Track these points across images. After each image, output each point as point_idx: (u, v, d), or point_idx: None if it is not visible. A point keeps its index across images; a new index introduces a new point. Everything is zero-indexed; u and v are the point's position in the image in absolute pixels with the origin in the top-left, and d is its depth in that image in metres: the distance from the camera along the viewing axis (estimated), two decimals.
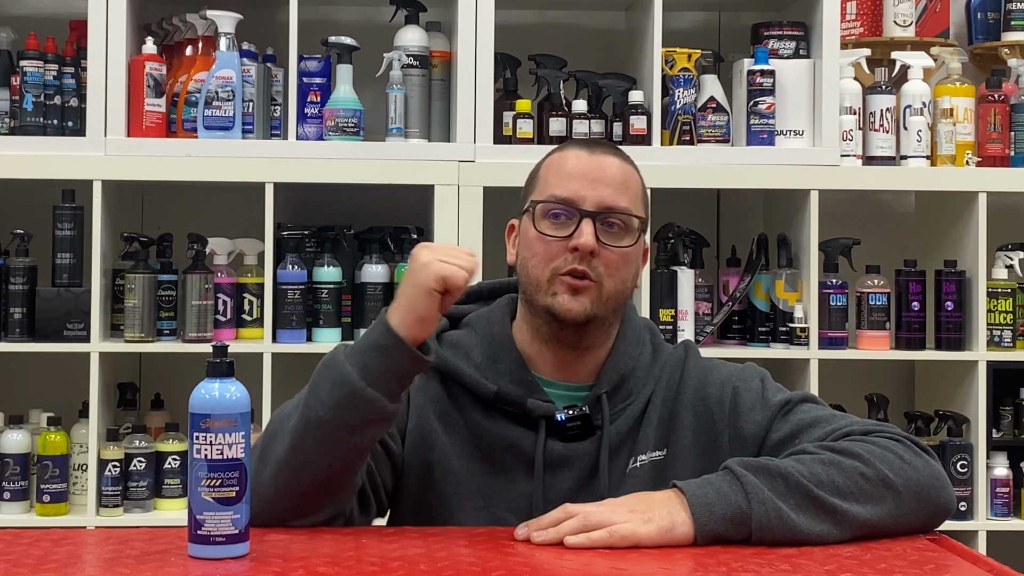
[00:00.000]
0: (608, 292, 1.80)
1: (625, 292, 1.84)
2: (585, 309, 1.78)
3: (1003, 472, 3.33)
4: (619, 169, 1.84)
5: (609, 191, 1.81)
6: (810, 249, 3.29)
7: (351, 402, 1.64)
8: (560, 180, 1.82)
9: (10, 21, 3.44)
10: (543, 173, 1.86)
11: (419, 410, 1.83)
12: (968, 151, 3.44)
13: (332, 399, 1.65)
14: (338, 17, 3.60)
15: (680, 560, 1.55)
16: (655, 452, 1.84)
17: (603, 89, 3.40)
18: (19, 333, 3.18)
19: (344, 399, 1.64)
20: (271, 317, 3.20)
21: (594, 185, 1.81)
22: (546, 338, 1.84)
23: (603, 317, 1.81)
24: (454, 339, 1.89)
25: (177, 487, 3.20)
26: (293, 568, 1.47)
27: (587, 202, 1.80)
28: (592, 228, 1.79)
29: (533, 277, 1.81)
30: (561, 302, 1.78)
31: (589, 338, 1.83)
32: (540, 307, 1.81)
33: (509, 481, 1.82)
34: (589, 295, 1.79)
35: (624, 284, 1.82)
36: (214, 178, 3.21)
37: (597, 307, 1.79)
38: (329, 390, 1.65)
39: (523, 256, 1.84)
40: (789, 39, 3.42)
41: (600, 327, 1.83)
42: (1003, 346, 3.35)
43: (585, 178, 1.81)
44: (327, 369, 1.68)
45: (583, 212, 1.79)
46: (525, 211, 1.85)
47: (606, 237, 1.80)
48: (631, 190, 1.84)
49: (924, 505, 1.69)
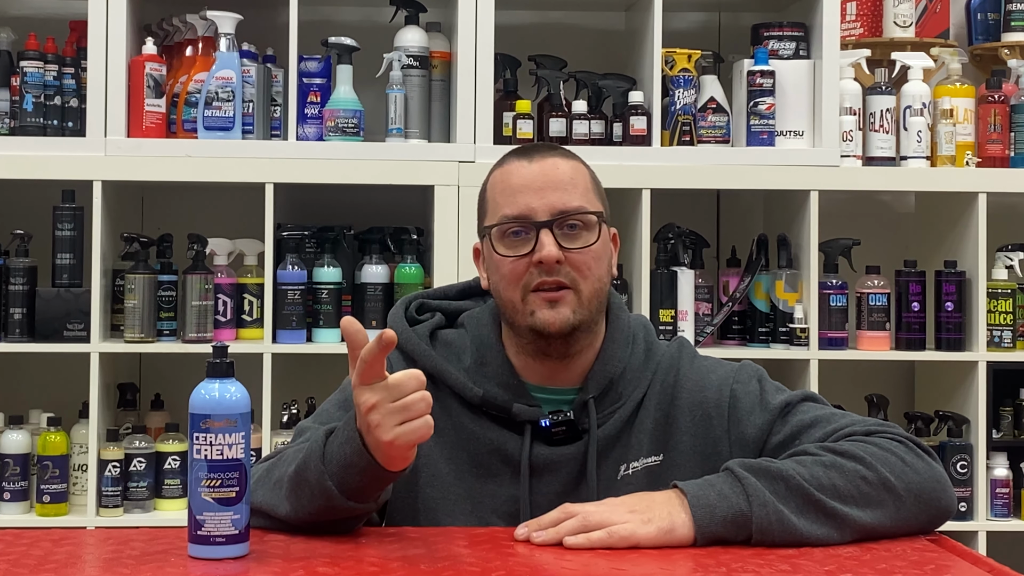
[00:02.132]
0: (587, 295, 1.78)
1: (603, 289, 1.81)
2: (567, 319, 1.76)
3: (1003, 472, 3.33)
4: (563, 168, 1.80)
5: (558, 194, 1.77)
6: (810, 249, 3.29)
7: (334, 512, 1.61)
8: (507, 197, 1.79)
9: (10, 21, 3.44)
10: (490, 194, 1.83)
11: None
12: (968, 152, 3.44)
13: (315, 506, 1.61)
14: (338, 17, 3.60)
15: (680, 560, 1.55)
16: (650, 458, 1.82)
17: (603, 90, 3.40)
18: (19, 333, 3.18)
19: (327, 510, 1.61)
20: (271, 317, 3.20)
21: (541, 193, 1.77)
22: (532, 353, 1.82)
23: (587, 321, 1.79)
24: (448, 338, 1.87)
25: (177, 487, 3.20)
26: (293, 568, 1.47)
27: (539, 212, 1.76)
28: (551, 237, 1.75)
29: (507, 300, 1.79)
30: (542, 317, 1.76)
31: (577, 345, 1.81)
32: (522, 327, 1.79)
33: (496, 485, 1.80)
34: (568, 303, 1.76)
35: (601, 282, 1.80)
36: (214, 178, 3.20)
37: (579, 313, 1.77)
38: (310, 498, 1.61)
39: (493, 281, 1.82)
40: (789, 40, 3.42)
41: (587, 331, 1.81)
42: (1003, 346, 3.35)
43: (530, 188, 1.78)
44: (303, 481, 1.62)
45: (538, 224, 1.76)
46: (483, 237, 1.82)
47: (568, 241, 1.77)
48: (579, 185, 1.80)
49: (925, 508, 1.68)
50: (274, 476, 1.68)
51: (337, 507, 1.60)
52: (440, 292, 1.97)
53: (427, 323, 1.89)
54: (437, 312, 1.92)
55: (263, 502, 1.66)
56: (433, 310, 1.93)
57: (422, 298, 1.94)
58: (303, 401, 3.32)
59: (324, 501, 1.60)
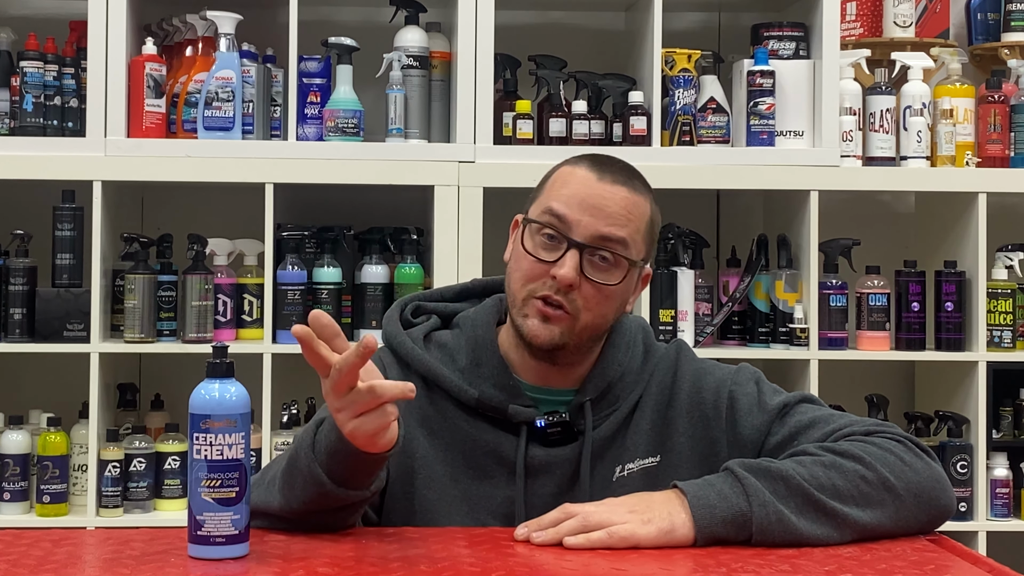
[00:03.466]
0: (582, 325, 1.76)
1: (603, 326, 1.79)
2: (553, 338, 1.75)
3: (1003, 473, 3.33)
4: (625, 200, 1.76)
5: (606, 223, 1.74)
6: (810, 250, 3.29)
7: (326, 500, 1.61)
8: (560, 198, 1.76)
9: (10, 21, 3.44)
10: (550, 184, 1.81)
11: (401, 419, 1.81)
12: (968, 152, 3.44)
13: (307, 496, 1.61)
14: (338, 17, 3.60)
15: (680, 561, 1.54)
16: (647, 459, 1.82)
17: (603, 90, 3.40)
18: (19, 334, 3.18)
19: (319, 499, 1.61)
20: (271, 318, 3.20)
21: (592, 212, 1.74)
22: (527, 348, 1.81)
23: (574, 346, 1.77)
24: (442, 340, 1.86)
25: (177, 488, 3.20)
26: (293, 568, 1.47)
27: (579, 230, 1.74)
28: (576, 261, 1.73)
29: (512, 291, 1.79)
30: (530, 326, 1.75)
31: (563, 359, 1.79)
32: (513, 323, 1.79)
33: (492, 486, 1.80)
34: (560, 325, 1.75)
35: (603, 318, 1.77)
36: (214, 179, 3.20)
37: (567, 337, 1.75)
38: (303, 488, 1.61)
39: (511, 264, 1.81)
40: (789, 40, 3.42)
41: (576, 351, 1.79)
42: (1003, 347, 3.35)
43: (585, 203, 1.75)
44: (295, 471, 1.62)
45: (571, 242, 1.74)
46: (524, 223, 1.80)
47: (592, 270, 1.74)
48: (633, 223, 1.76)
49: (924, 508, 1.68)
50: (267, 476, 1.69)
51: (328, 494, 1.60)
52: (436, 294, 1.97)
53: (422, 326, 1.88)
54: (433, 315, 1.91)
55: (257, 502, 1.66)
56: (429, 312, 1.92)
57: (418, 300, 1.93)
58: (303, 401, 3.32)
59: (315, 488, 1.60)
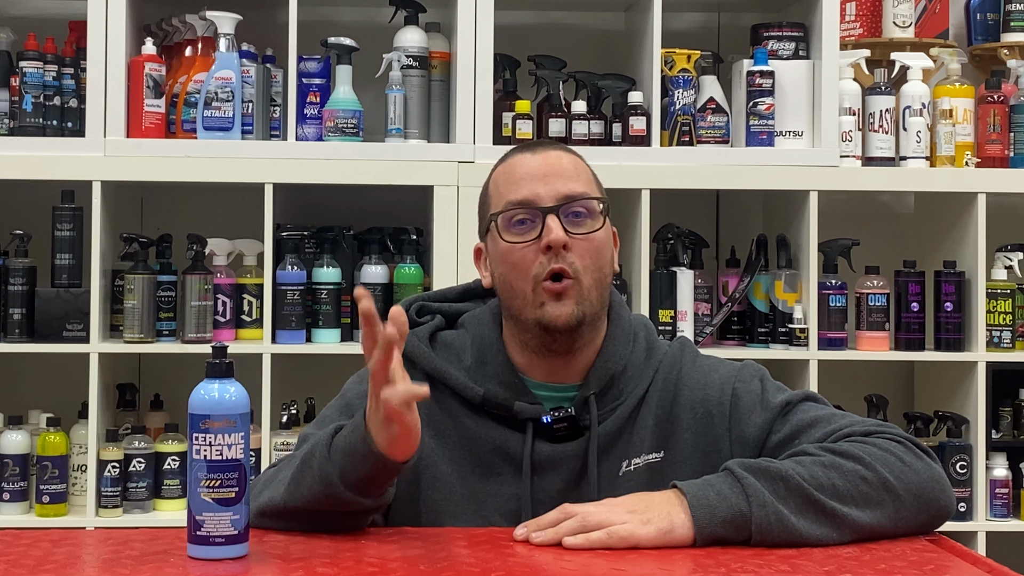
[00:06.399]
0: (588, 285, 1.78)
1: (604, 281, 1.82)
2: (572, 312, 1.77)
3: (1002, 473, 3.33)
4: (566, 160, 1.84)
5: (562, 182, 1.80)
6: (809, 250, 3.29)
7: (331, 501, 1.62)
8: (511, 186, 1.81)
9: (10, 21, 3.44)
10: (492, 188, 1.86)
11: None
12: (967, 152, 3.44)
13: (312, 493, 1.62)
14: (338, 18, 3.60)
15: (679, 561, 1.55)
16: (651, 454, 1.82)
17: (602, 90, 3.40)
18: (19, 334, 3.18)
19: (323, 499, 1.62)
20: (270, 318, 3.20)
21: (546, 180, 1.80)
22: (536, 349, 1.82)
23: (591, 314, 1.80)
24: (448, 339, 1.88)
25: (176, 488, 3.20)
26: (293, 568, 1.47)
27: (544, 198, 1.79)
28: (558, 222, 1.78)
29: (518, 291, 1.79)
30: (549, 311, 1.77)
31: (581, 340, 1.81)
32: (529, 321, 1.79)
33: (498, 484, 1.81)
34: (571, 296, 1.77)
35: (602, 272, 1.81)
36: (213, 179, 3.20)
37: (583, 306, 1.78)
38: (310, 485, 1.62)
39: (499, 273, 1.82)
40: (788, 40, 3.42)
41: (591, 326, 1.81)
42: (1002, 347, 3.35)
43: (535, 176, 1.81)
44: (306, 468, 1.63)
45: (544, 209, 1.78)
46: (488, 230, 1.83)
47: (573, 227, 1.79)
48: (583, 176, 1.83)
49: (924, 508, 1.68)
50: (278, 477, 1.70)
51: (334, 495, 1.60)
52: (440, 294, 1.98)
53: (427, 325, 1.89)
54: (437, 314, 1.92)
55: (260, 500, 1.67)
56: (433, 312, 1.93)
57: (422, 300, 1.95)
58: (302, 402, 3.32)
59: (322, 487, 1.60)
